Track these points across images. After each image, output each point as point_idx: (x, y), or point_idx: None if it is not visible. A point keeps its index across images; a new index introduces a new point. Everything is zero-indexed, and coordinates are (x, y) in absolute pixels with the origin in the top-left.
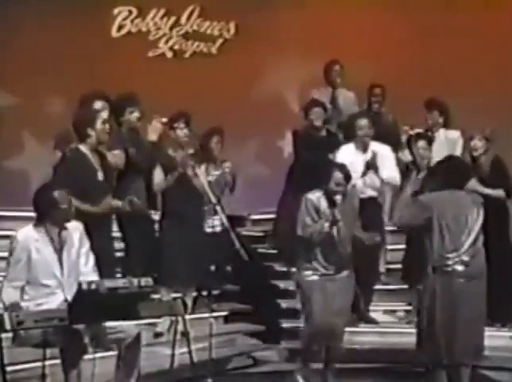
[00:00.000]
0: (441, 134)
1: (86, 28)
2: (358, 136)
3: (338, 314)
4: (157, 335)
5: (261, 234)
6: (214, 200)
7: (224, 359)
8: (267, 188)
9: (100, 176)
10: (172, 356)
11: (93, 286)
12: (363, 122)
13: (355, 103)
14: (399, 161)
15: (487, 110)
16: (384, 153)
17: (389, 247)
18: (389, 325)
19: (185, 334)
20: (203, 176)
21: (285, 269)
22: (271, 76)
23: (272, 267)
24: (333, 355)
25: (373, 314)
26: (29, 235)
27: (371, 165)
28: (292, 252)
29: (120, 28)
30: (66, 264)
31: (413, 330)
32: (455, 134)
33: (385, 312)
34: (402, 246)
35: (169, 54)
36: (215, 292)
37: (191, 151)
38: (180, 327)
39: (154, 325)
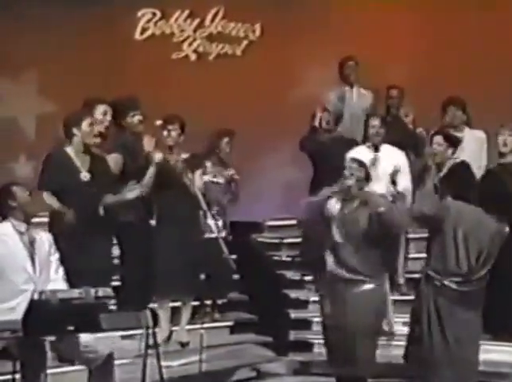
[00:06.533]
0: (467, 134)
1: (109, 31)
2: (369, 135)
3: (358, 334)
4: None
5: (276, 241)
6: (205, 206)
7: (227, 371)
8: (302, 192)
9: (84, 176)
10: (144, 366)
11: (44, 297)
12: (375, 121)
13: (371, 101)
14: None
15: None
16: (399, 162)
17: (411, 256)
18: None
19: (156, 347)
20: (200, 180)
21: (297, 278)
22: (298, 77)
23: (283, 275)
24: None
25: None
26: None
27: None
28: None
29: (143, 31)
30: (38, 259)
31: None
32: (481, 134)
33: (405, 324)
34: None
35: (193, 57)
36: (220, 301)
37: (185, 156)
38: (178, 337)
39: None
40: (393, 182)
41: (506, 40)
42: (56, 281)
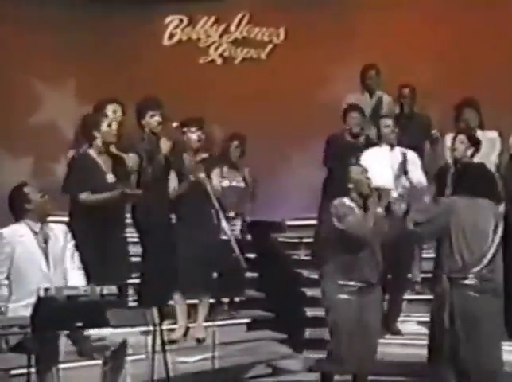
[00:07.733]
0: (479, 135)
1: (138, 37)
2: (382, 135)
3: (371, 334)
4: (171, 342)
5: (295, 240)
6: (217, 205)
7: (242, 367)
8: None
9: (110, 178)
10: (152, 365)
11: (49, 294)
12: (387, 121)
13: (394, 105)
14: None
15: None
16: (411, 158)
17: (426, 255)
18: (418, 337)
19: (163, 344)
20: (217, 179)
21: (315, 276)
22: (322, 79)
23: (301, 273)
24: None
25: (407, 325)
26: (13, 230)
27: (401, 168)
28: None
29: (171, 36)
30: (52, 257)
31: None
32: (493, 134)
33: (420, 323)
34: None
35: (219, 61)
36: (238, 299)
37: (204, 156)
38: (195, 334)
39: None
40: (405, 172)
41: None
42: (72, 270)
